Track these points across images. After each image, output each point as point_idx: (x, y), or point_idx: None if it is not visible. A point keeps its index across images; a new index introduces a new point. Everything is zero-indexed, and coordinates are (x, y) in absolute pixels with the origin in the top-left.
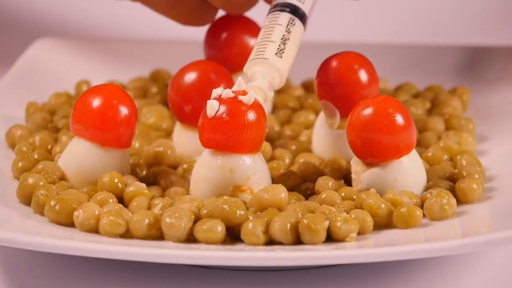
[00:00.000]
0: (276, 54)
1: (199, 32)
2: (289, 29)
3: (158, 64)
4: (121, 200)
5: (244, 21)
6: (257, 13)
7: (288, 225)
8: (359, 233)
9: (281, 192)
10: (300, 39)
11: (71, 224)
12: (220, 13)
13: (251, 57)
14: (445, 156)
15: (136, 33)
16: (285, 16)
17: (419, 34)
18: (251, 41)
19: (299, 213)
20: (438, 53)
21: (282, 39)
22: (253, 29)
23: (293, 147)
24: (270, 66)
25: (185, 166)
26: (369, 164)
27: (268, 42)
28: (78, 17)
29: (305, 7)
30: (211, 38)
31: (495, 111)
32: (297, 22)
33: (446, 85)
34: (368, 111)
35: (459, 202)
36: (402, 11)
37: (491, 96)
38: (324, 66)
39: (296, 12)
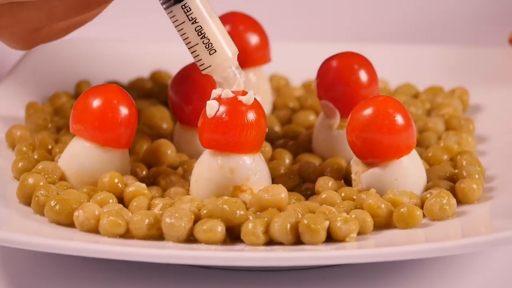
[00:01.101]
0: (210, 54)
1: None
2: (191, 17)
3: (158, 64)
4: (121, 200)
5: (245, 19)
6: (258, 13)
7: (288, 225)
8: (359, 233)
9: (281, 192)
10: (206, 8)
11: (71, 224)
12: (220, 12)
13: (198, 66)
14: (445, 156)
15: (136, 33)
16: (177, 9)
17: (419, 34)
18: (251, 39)
19: (299, 213)
20: (438, 53)
21: (198, 34)
22: (253, 27)
23: (293, 147)
24: (218, 66)
25: (185, 166)
26: (369, 164)
27: (195, 48)
28: None
29: None
30: None
31: (495, 111)
32: (189, 1)
33: (446, 85)
34: (368, 111)
35: (459, 202)
36: (402, 11)
37: (491, 96)
38: (324, 66)
39: None
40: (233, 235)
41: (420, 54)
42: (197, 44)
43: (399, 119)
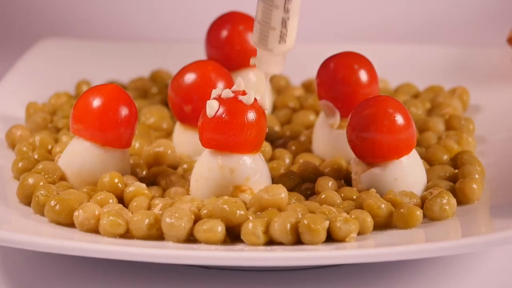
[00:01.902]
0: (279, 42)
1: (199, 32)
2: (287, 8)
3: (158, 64)
4: (121, 200)
5: (245, 19)
6: None
7: (288, 225)
8: (359, 233)
9: (281, 192)
10: (299, 6)
11: (71, 224)
12: (220, 12)
13: (255, 38)
14: (445, 156)
15: (136, 33)
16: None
17: (419, 34)
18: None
19: (299, 213)
20: (438, 53)
21: (282, 23)
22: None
23: (293, 147)
24: (275, 54)
25: (185, 166)
26: (369, 164)
27: (269, 30)
28: (78, 17)
29: None
30: (212, 36)
31: (495, 111)
32: None
33: (446, 85)
34: (368, 111)
35: (459, 202)
36: (402, 11)
37: (491, 96)
38: (324, 66)
39: None
40: (233, 235)
41: (420, 54)
42: (275, 29)
43: (399, 119)
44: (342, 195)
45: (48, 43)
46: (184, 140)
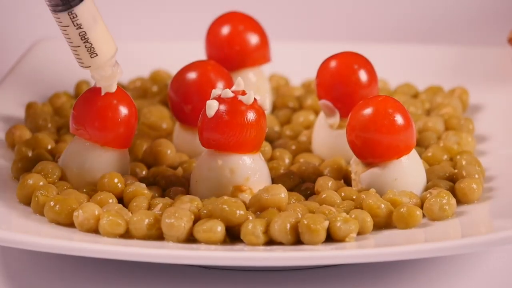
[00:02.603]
0: (91, 57)
1: (199, 32)
2: (76, 23)
3: (158, 64)
4: (121, 200)
5: (245, 19)
6: (258, 13)
7: (288, 225)
8: (359, 233)
9: (281, 192)
10: (92, 15)
11: (71, 224)
12: (220, 12)
13: (77, 62)
14: (445, 156)
15: (136, 33)
16: (63, 16)
17: (419, 34)
18: (251, 39)
19: (299, 213)
20: (438, 53)
21: (81, 39)
22: (253, 27)
23: (293, 147)
24: (97, 67)
25: (185, 166)
26: (369, 164)
27: (77, 49)
28: None
29: None
30: (212, 36)
31: (494, 111)
32: (76, 8)
33: (446, 85)
34: (367, 111)
35: (459, 202)
36: (402, 11)
37: (490, 96)
38: (324, 66)
39: (68, 2)
40: (233, 235)
41: (420, 54)
42: (79, 46)
43: (399, 119)
44: (342, 195)
45: (48, 43)
46: (184, 140)
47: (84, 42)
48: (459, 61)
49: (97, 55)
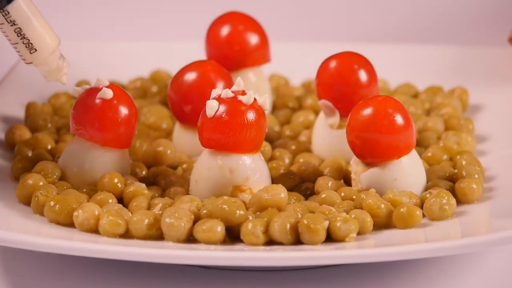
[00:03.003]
0: (31, 53)
1: (199, 32)
2: (10, 20)
3: (158, 64)
4: (121, 200)
5: (245, 19)
6: (258, 13)
7: (288, 225)
8: (359, 233)
9: (281, 192)
10: (27, 11)
11: (70, 224)
12: (220, 12)
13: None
14: (445, 156)
15: (136, 33)
16: None
17: (419, 34)
18: (251, 39)
19: (298, 213)
20: (438, 53)
21: (18, 35)
22: (253, 27)
23: (293, 147)
24: (40, 62)
25: (185, 166)
26: (369, 164)
27: (16, 46)
28: (78, 17)
29: None
30: (212, 36)
31: (494, 111)
32: (10, 7)
33: (446, 85)
34: (367, 111)
35: (459, 202)
36: (402, 11)
37: (490, 96)
38: (324, 66)
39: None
40: (232, 235)
41: (420, 54)
42: (17, 43)
43: (399, 119)
44: (342, 195)
45: None
46: (184, 140)
47: (21, 39)
48: (459, 61)
49: (36, 50)
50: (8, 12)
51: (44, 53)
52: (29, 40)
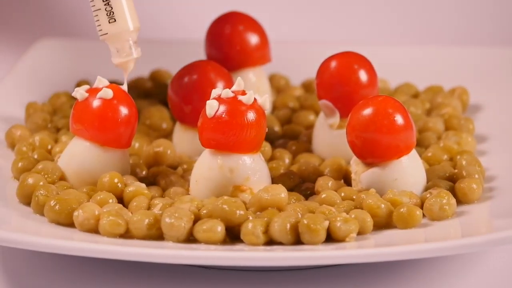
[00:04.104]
0: (109, 22)
1: (199, 32)
2: None
3: (158, 64)
4: (121, 200)
5: (245, 19)
6: (258, 13)
7: (288, 225)
8: (359, 233)
9: (281, 192)
10: None
11: (71, 224)
12: (220, 12)
13: (98, 33)
14: (445, 156)
15: None
16: None
17: (419, 34)
18: (251, 39)
19: (299, 213)
20: (438, 53)
21: (103, 0)
22: (253, 27)
23: (293, 147)
24: (115, 36)
25: (185, 166)
26: (369, 164)
27: (97, 13)
28: (78, 17)
29: None
30: (212, 36)
31: (495, 111)
32: None
33: (446, 85)
34: (368, 111)
35: (459, 202)
36: (402, 11)
37: (491, 96)
38: (324, 66)
39: None
40: (233, 235)
41: (420, 54)
42: (100, 9)
43: (399, 119)
44: (342, 195)
45: (48, 43)
46: (184, 140)
47: (105, 5)
48: (459, 61)
49: (115, 20)
50: None
51: (122, 26)
52: (112, 8)
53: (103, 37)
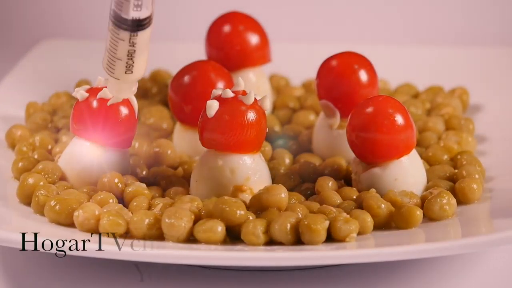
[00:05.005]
0: (126, 72)
1: (199, 32)
2: (132, 42)
3: (158, 64)
4: (121, 200)
5: (245, 19)
6: (258, 13)
7: (288, 225)
8: (359, 233)
9: (281, 192)
10: (147, 40)
11: (71, 224)
12: (221, 12)
13: (104, 64)
14: (445, 156)
15: None
16: (124, 33)
17: (419, 34)
18: (251, 39)
19: (299, 213)
20: (438, 53)
21: (128, 55)
22: (253, 27)
23: (293, 147)
24: (124, 82)
25: (185, 166)
26: (369, 164)
27: (116, 60)
28: (78, 17)
29: (142, 13)
30: (212, 36)
31: (495, 111)
32: (141, 32)
33: (446, 85)
34: (368, 111)
35: (459, 202)
36: (402, 11)
37: (491, 96)
38: (324, 66)
39: (135, 25)
40: (233, 235)
41: (420, 54)
42: (121, 60)
43: (399, 119)
44: (342, 195)
45: (48, 43)
46: (184, 140)
47: (128, 59)
48: (459, 61)
49: (132, 72)
50: (136, 35)
51: (135, 78)
52: (133, 63)
53: (110, 76)
